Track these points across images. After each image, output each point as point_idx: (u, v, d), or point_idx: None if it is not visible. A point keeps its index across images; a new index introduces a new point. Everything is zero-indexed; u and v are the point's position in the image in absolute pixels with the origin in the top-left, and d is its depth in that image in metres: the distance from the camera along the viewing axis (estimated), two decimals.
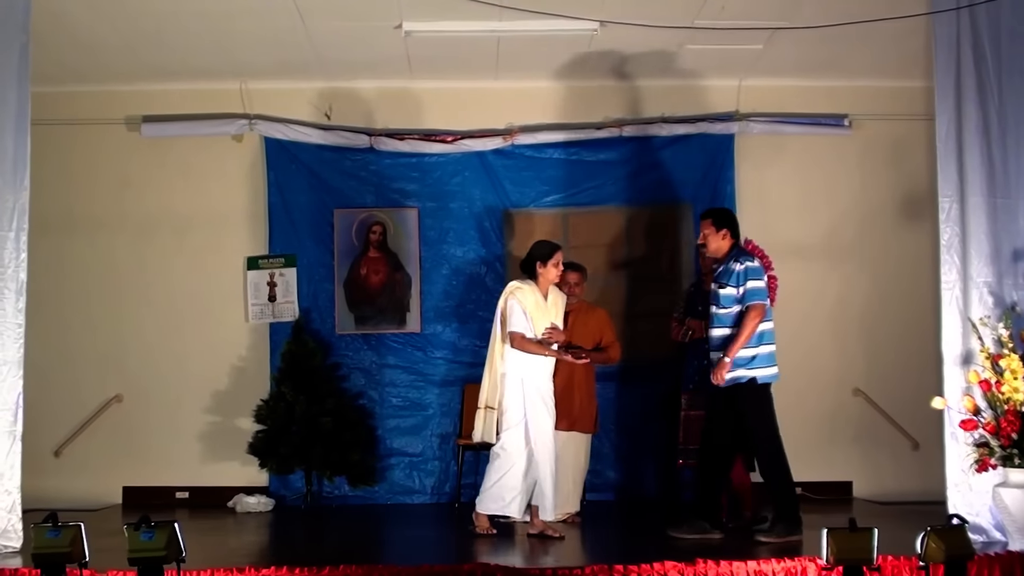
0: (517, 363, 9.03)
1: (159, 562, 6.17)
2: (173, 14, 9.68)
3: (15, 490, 8.17)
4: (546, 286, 9.19)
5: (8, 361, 8.18)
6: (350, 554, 8.20)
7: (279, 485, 11.24)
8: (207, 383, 11.44)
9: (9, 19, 8.31)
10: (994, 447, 8.18)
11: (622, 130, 11.59)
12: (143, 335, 11.28)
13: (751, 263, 8.74)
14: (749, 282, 8.67)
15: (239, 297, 11.45)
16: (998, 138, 8.70)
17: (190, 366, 11.35)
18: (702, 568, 7.16)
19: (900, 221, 11.61)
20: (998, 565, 7.28)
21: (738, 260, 8.76)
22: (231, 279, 11.46)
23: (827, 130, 11.70)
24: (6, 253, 8.20)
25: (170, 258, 11.42)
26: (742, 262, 8.73)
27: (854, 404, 11.50)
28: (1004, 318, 8.40)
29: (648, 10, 9.55)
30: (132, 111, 11.56)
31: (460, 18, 9.85)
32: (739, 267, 8.71)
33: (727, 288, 8.72)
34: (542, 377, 9.09)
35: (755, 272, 8.72)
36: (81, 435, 11.24)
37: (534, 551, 8.61)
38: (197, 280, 11.47)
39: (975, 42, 8.76)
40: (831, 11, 9.45)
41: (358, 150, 11.59)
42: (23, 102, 8.31)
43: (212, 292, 11.51)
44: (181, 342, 11.30)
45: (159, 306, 11.44)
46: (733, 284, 8.69)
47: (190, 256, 11.47)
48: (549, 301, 9.19)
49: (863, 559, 6.10)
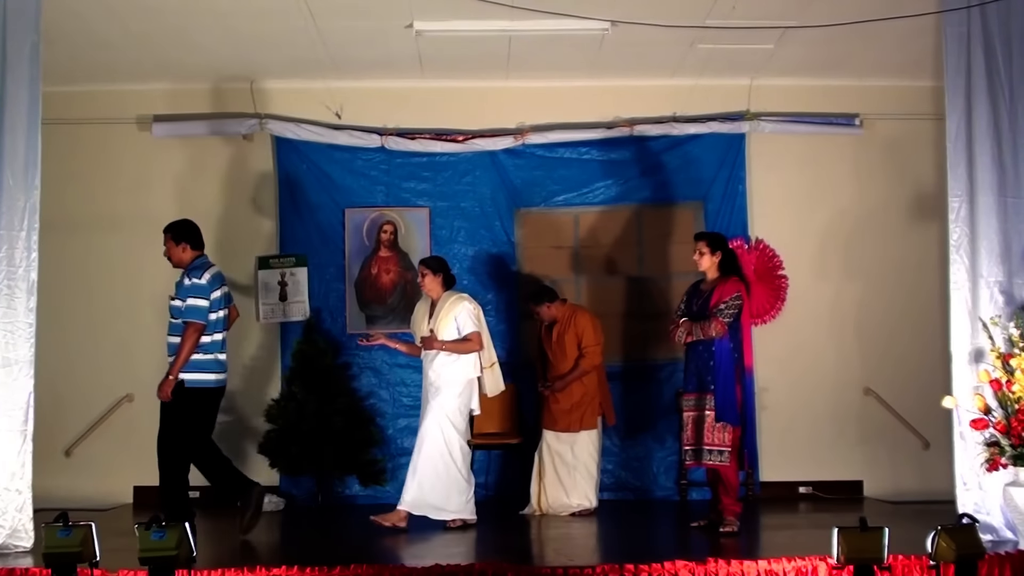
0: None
1: (170, 562, 6.18)
2: (184, 13, 9.68)
3: (26, 489, 8.20)
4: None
5: (19, 360, 8.21)
6: (361, 553, 8.21)
7: (290, 484, 11.25)
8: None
9: (20, 18, 8.33)
10: (1005, 446, 8.17)
11: (633, 129, 11.57)
12: (153, 335, 11.23)
13: (198, 280, 9.08)
14: (189, 299, 9.05)
15: (250, 297, 11.45)
16: (1008, 137, 8.70)
17: None
18: (713, 567, 7.16)
19: (910, 220, 11.59)
20: (1009, 564, 7.28)
21: (189, 275, 9.15)
22: (242, 279, 11.46)
23: (838, 130, 11.68)
24: (17, 252, 8.22)
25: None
26: (191, 278, 9.11)
27: (865, 404, 11.48)
28: (1015, 317, 8.39)
29: (659, 9, 9.53)
30: (143, 110, 11.58)
31: (471, 17, 9.85)
32: (188, 282, 9.12)
33: (176, 300, 9.13)
34: (428, 373, 9.68)
35: (197, 290, 9.06)
36: (92, 435, 11.27)
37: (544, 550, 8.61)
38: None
39: (985, 41, 8.75)
40: (842, 10, 9.43)
41: (369, 149, 11.60)
42: (34, 101, 8.33)
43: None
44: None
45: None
46: (181, 297, 9.09)
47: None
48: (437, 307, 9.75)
49: (874, 558, 6.09)
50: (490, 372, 9.82)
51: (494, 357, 9.92)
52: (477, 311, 9.74)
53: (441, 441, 9.45)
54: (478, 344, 9.62)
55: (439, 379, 9.54)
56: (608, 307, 11.54)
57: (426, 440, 9.44)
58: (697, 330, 9.22)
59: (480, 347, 9.65)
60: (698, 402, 9.26)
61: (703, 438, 9.17)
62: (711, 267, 9.41)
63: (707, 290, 9.37)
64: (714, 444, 9.15)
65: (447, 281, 9.80)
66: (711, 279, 9.42)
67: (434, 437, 9.44)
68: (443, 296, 9.72)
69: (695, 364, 9.35)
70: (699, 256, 9.43)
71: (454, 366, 9.57)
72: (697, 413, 9.25)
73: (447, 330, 9.57)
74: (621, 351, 11.54)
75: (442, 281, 9.76)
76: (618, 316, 11.57)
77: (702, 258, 9.42)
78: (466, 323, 9.60)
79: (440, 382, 9.54)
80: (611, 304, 11.56)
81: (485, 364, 9.76)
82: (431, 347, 9.55)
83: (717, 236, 9.65)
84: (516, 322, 11.56)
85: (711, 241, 9.48)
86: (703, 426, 9.17)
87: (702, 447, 9.19)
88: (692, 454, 9.29)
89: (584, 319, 10.60)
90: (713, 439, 9.14)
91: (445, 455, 9.45)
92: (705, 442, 9.17)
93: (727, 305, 9.16)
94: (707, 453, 9.17)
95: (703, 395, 9.22)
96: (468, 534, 9.33)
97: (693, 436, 9.26)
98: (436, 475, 9.42)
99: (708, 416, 9.15)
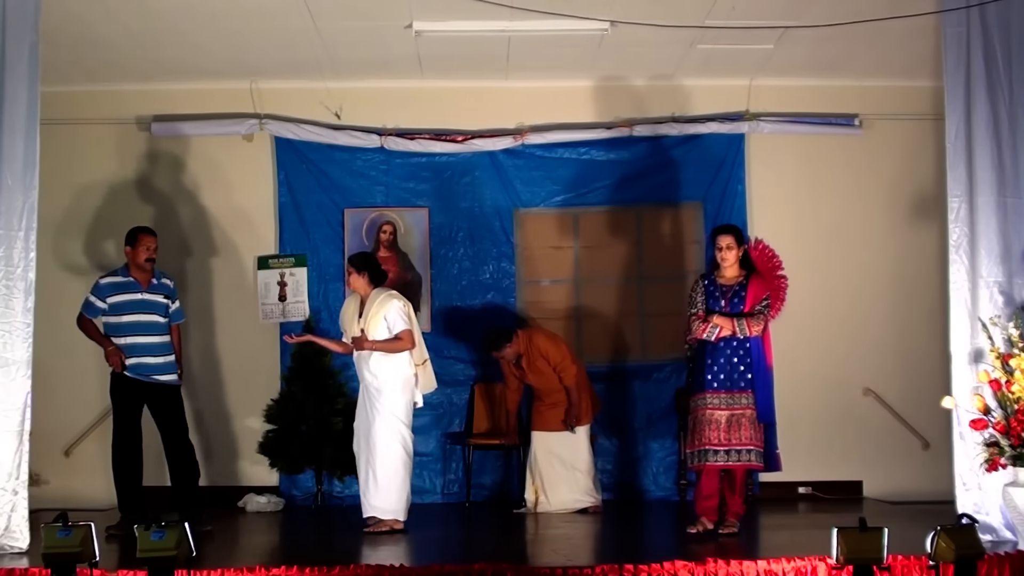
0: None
1: (169, 562, 6.17)
2: (184, 13, 9.66)
3: (23, 490, 8.17)
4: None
5: (17, 360, 8.17)
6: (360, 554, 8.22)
7: (289, 485, 11.25)
8: (217, 383, 11.45)
9: (19, 18, 8.30)
10: (1004, 446, 8.15)
11: (632, 130, 11.57)
12: None
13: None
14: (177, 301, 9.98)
15: (249, 297, 11.44)
16: (1008, 137, 8.68)
17: (200, 366, 11.35)
18: (712, 567, 7.14)
19: (910, 221, 11.59)
20: (1008, 564, 7.27)
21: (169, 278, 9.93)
22: (241, 279, 11.46)
23: (837, 130, 11.68)
24: (15, 252, 8.19)
25: (180, 258, 11.40)
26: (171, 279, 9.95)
27: (864, 404, 11.48)
28: (1015, 318, 8.38)
29: (658, 10, 9.52)
30: (142, 110, 11.56)
31: (471, 18, 9.82)
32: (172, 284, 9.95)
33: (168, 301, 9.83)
34: (364, 374, 9.52)
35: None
36: (91, 435, 11.24)
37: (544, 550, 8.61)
38: (207, 280, 11.48)
39: (985, 41, 8.74)
40: (841, 11, 9.43)
41: (368, 150, 11.59)
42: (33, 101, 8.30)
43: (222, 292, 11.52)
44: (191, 342, 11.26)
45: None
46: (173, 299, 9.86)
47: (200, 256, 11.48)
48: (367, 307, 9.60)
49: (873, 559, 6.09)
50: (422, 370, 9.63)
51: (425, 355, 9.73)
52: (407, 308, 9.54)
53: (398, 443, 9.37)
54: (409, 342, 9.43)
55: (377, 380, 9.39)
56: (608, 307, 11.56)
57: (380, 443, 9.33)
58: (743, 326, 8.87)
59: (412, 345, 9.46)
60: (730, 400, 8.91)
61: (740, 437, 8.84)
62: (736, 263, 9.08)
63: (733, 287, 9.05)
64: (753, 444, 8.86)
65: (374, 279, 9.60)
66: (733, 275, 9.09)
67: (389, 440, 9.35)
68: (372, 294, 9.52)
69: (724, 361, 8.95)
70: (727, 251, 9.01)
71: (390, 365, 9.40)
72: (730, 412, 8.89)
73: (378, 329, 9.39)
74: (620, 351, 11.55)
75: (368, 279, 9.56)
76: (617, 316, 11.57)
77: (730, 253, 9.01)
78: (396, 321, 9.39)
79: (379, 383, 9.38)
80: (610, 304, 11.55)
81: (417, 361, 9.57)
82: (362, 348, 9.39)
83: (740, 229, 9.35)
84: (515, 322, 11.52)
85: (738, 235, 9.14)
86: (738, 425, 8.87)
87: (740, 447, 8.85)
88: (725, 455, 8.87)
89: (541, 340, 10.59)
90: (754, 438, 8.86)
91: (403, 455, 9.39)
92: (744, 441, 8.83)
93: (764, 304, 9.00)
94: (745, 453, 8.84)
95: (735, 393, 8.89)
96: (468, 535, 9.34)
97: (726, 436, 8.87)
98: (396, 475, 9.36)
99: (747, 414, 8.86)
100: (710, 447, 8.93)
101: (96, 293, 9.66)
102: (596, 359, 11.35)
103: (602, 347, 11.50)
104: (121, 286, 9.66)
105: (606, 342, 11.43)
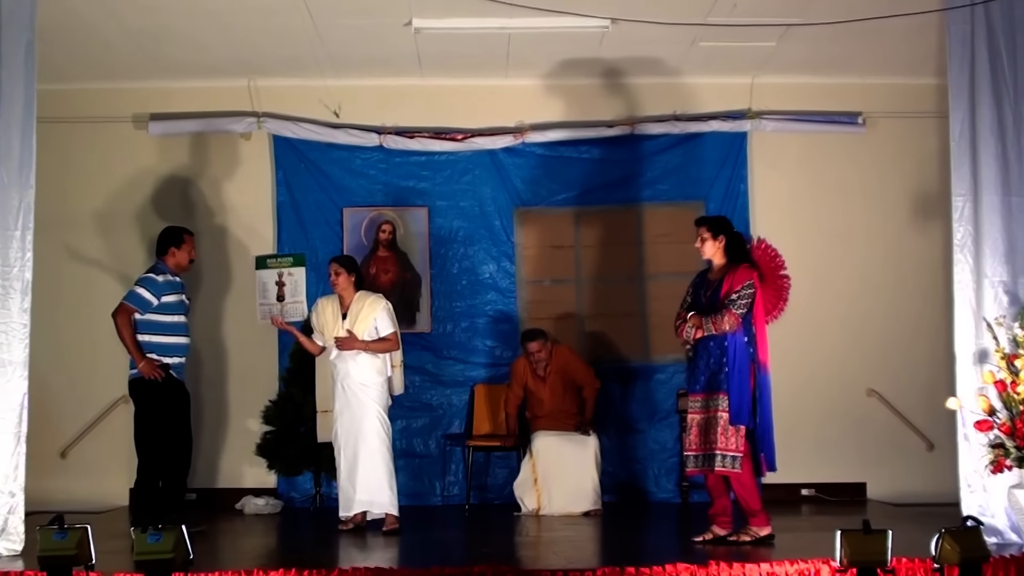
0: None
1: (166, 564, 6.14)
2: (181, 11, 9.64)
3: (19, 492, 8.12)
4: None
5: (13, 361, 8.14)
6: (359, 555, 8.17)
7: (287, 487, 11.21)
8: (215, 384, 11.40)
9: (16, 16, 8.27)
10: (1010, 448, 8.12)
11: (634, 128, 11.54)
12: None
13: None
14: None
15: (248, 297, 11.38)
16: (1013, 135, 8.66)
17: (198, 367, 11.28)
18: (715, 570, 7.11)
19: (913, 220, 11.55)
20: (1014, 567, 7.21)
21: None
22: (239, 278, 11.41)
23: (841, 128, 11.64)
24: (11, 252, 8.15)
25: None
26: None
27: (868, 405, 11.43)
28: (1020, 317, 8.34)
29: (660, 7, 9.49)
30: (139, 109, 11.54)
31: (470, 15, 9.84)
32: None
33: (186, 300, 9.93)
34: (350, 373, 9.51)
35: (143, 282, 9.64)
36: (87, 436, 11.20)
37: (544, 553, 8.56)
38: (205, 279, 11.43)
39: (989, 39, 8.71)
40: (844, 8, 9.40)
41: (367, 148, 11.57)
42: (29, 100, 8.28)
43: (220, 291, 11.47)
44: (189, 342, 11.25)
45: None
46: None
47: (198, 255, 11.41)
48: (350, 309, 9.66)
49: (877, 561, 6.10)
50: (397, 371, 9.80)
51: (402, 357, 9.90)
52: (391, 310, 9.72)
53: (389, 437, 9.50)
54: (396, 344, 9.62)
55: (362, 376, 9.46)
56: (609, 307, 11.52)
57: (375, 439, 9.40)
58: (708, 324, 8.44)
59: (398, 346, 9.67)
60: (707, 403, 8.53)
61: (714, 442, 8.43)
62: (716, 253, 8.67)
63: (715, 279, 8.66)
64: (728, 449, 8.37)
65: (359, 281, 9.76)
66: (718, 267, 8.69)
67: (383, 435, 9.45)
68: (357, 296, 9.64)
69: (705, 362, 8.57)
70: (701, 243, 8.73)
71: (375, 364, 9.52)
72: (704, 415, 8.53)
73: (368, 330, 9.51)
74: (621, 352, 11.50)
75: (354, 281, 9.70)
76: (618, 317, 11.53)
77: (704, 244, 8.68)
78: (385, 323, 9.54)
79: (364, 379, 9.46)
80: (611, 304, 11.52)
81: (395, 363, 9.73)
82: (351, 347, 9.44)
83: (719, 219, 9.00)
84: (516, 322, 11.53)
85: (712, 225, 8.76)
86: (713, 429, 8.46)
87: (713, 452, 8.43)
88: (698, 460, 8.57)
89: (566, 352, 10.87)
90: (727, 443, 8.37)
91: (387, 451, 9.48)
92: (718, 446, 8.42)
93: (739, 295, 8.42)
94: (719, 459, 8.41)
95: (713, 395, 8.45)
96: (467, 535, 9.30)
97: (699, 441, 8.55)
98: (389, 469, 9.44)
99: (721, 418, 8.38)
100: (687, 452, 8.71)
101: (151, 288, 9.55)
102: (597, 360, 11.30)
103: (603, 348, 11.46)
104: (174, 286, 9.71)
105: (607, 343, 11.38)
